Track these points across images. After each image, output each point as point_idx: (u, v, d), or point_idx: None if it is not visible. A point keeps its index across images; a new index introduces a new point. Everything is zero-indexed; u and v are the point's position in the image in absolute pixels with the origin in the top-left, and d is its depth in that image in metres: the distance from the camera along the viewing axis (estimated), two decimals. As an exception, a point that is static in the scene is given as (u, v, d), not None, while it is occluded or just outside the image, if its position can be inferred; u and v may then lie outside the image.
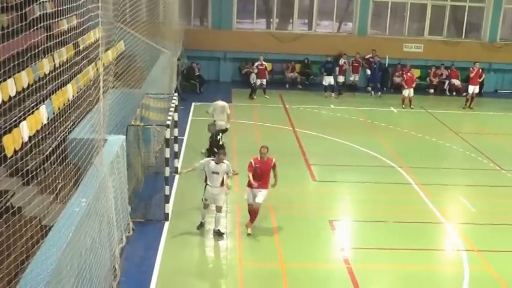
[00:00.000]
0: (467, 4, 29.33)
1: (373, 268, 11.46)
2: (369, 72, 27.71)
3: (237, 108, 22.10)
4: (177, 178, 15.08)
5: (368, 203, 14.62)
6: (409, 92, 24.84)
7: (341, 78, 26.99)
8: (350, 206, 14.82)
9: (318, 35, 29.00)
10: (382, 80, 27.83)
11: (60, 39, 9.20)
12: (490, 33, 29.07)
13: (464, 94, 26.51)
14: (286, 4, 29.49)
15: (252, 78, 25.34)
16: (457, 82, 28.25)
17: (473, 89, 25.52)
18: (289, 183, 14.82)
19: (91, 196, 8.36)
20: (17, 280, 6.36)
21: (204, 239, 12.23)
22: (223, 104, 17.30)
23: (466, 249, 12.24)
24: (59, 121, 8.98)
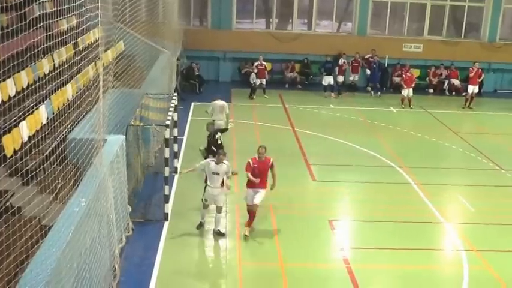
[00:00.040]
0: (467, 4, 29.34)
1: (373, 268, 11.46)
2: (369, 72, 27.74)
3: (236, 108, 22.10)
4: (176, 178, 15.10)
5: (367, 202, 14.62)
6: (408, 91, 24.84)
7: (340, 78, 27.01)
8: (350, 205, 14.82)
9: (317, 34, 29.00)
10: (381, 79, 27.82)
11: (59, 39, 9.18)
12: (490, 33, 29.08)
13: (463, 94, 26.51)
14: (286, 4, 29.49)
15: (252, 78, 25.35)
16: (456, 82, 28.26)
17: (473, 88, 25.52)
18: (288, 183, 14.82)
19: (90, 196, 8.35)
20: (16, 280, 6.35)
21: (204, 239, 12.23)
22: (222, 103, 17.30)
23: (466, 249, 12.24)
24: (58, 121, 8.98)
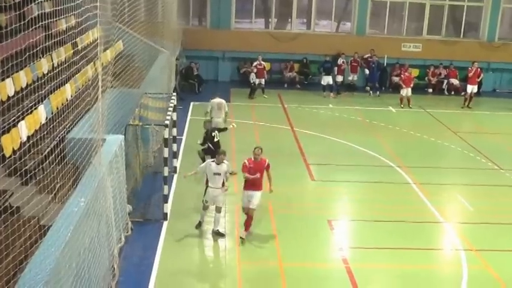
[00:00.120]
0: (466, 4, 29.34)
1: (372, 268, 11.47)
2: (368, 71, 27.71)
3: (235, 108, 22.09)
4: (175, 178, 15.11)
5: (366, 202, 14.62)
6: (407, 91, 24.84)
7: (339, 78, 27.00)
8: (348, 205, 14.82)
9: (316, 34, 28.99)
10: (380, 79, 27.82)
11: (58, 38, 9.19)
12: (489, 33, 29.08)
13: (462, 93, 26.51)
14: (285, 4, 29.49)
15: (252, 78, 25.36)
16: (455, 81, 28.26)
17: (472, 88, 25.52)
18: (287, 183, 14.85)
19: (90, 196, 8.35)
20: (15, 280, 6.35)
21: (203, 239, 12.22)
22: (221, 101, 17.40)
23: (465, 249, 12.24)
24: (57, 121, 8.98)
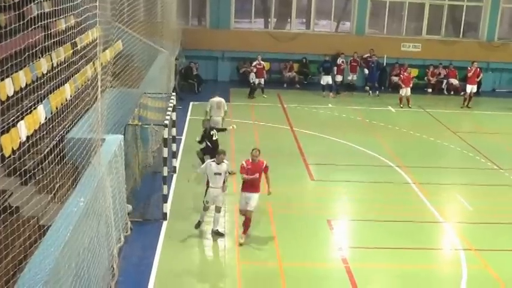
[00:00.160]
0: (465, 3, 29.34)
1: (371, 267, 11.47)
2: (367, 71, 27.70)
3: (235, 108, 22.09)
4: (175, 178, 15.11)
5: (366, 202, 14.63)
6: (406, 91, 24.84)
7: (339, 78, 26.99)
8: (348, 205, 14.82)
9: (316, 34, 28.99)
10: (380, 79, 27.81)
11: (57, 38, 9.18)
12: (488, 33, 29.09)
13: (462, 93, 26.50)
14: (284, 3, 29.48)
15: (252, 78, 25.36)
16: (455, 81, 28.26)
17: (471, 88, 25.52)
18: (287, 183, 14.85)
19: (89, 196, 8.34)
20: (15, 280, 6.35)
21: (203, 239, 12.22)
22: (220, 100, 17.55)
23: (464, 248, 12.25)
24: (56, 121, 8.98)
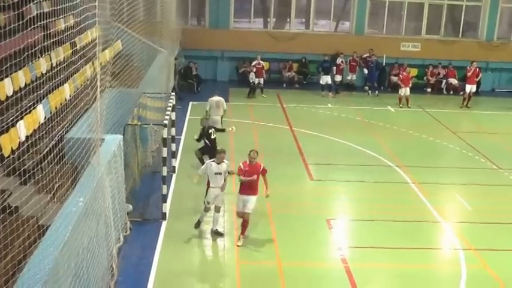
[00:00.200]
0: (464, 3, 29.37)
1: (371, 267, 11.47)
2: (366, 71, 27.73)
3: (234, 108, 22.09)
4: (174, 177, 15.13)
5: (365, 202, 14.63)
6: (405, 90, 24.86)
7: (338, 78, 27.00)
8: (347, 205, 14.83)
9: (315, 34, 29.00)
10: (379, 79, 27.83)
11: (57, 38, 9.18)
12: (487, 32, 29.12)
13: (461, 93, 26.53)
14: (284, 3, 29.49)
15: (251, 78, 25.36)
16: (454, 81, 28.29)
17: (470, 88, 25.54)
18: (286, 183, 14.86)
19: (88, 195, 8.34)
20: (14, 280, 6.35)
21: (202, 238, 12.22)
22: (219, 99, 17.69)
23: (463, 248, 12.25)
24: (56, 120, 8.97)
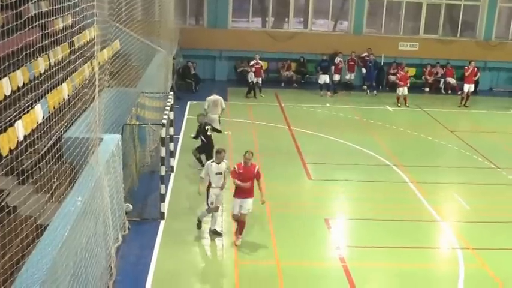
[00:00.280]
0: (463, 3, 29.41)
1: (369, 266, 11.48)
2: (364, 70, 27.75)
3: (232, 107, 22.08)
4: (172, 177, 15.10)
5: (363, 201, 14.64)
6: (403, 90, 24.87)
7: (336, 77, 26.99)
8: (346, 204, 14.83)
9: (313, 33, 29.01)
10: (377, 78, 27.84)
11: (55, 38, 9.17)
12: (485, 32, 29.15)
13: (459, 92, 26.56)
14: (282, 3, 29.47)
15: (250, 77, 25.36)
16: (452, 80, 28.31)
17: (469, 87, 25.57)
18: (284, 182, 14.87)
19: (86, 195, 8.35)
20: (12, 279, 6.35)
21: (200, 238, 12.21)
22: (217, 98, 17.79)
23: (461, 247, 12.27)
24: (54, 120, 8.96)
